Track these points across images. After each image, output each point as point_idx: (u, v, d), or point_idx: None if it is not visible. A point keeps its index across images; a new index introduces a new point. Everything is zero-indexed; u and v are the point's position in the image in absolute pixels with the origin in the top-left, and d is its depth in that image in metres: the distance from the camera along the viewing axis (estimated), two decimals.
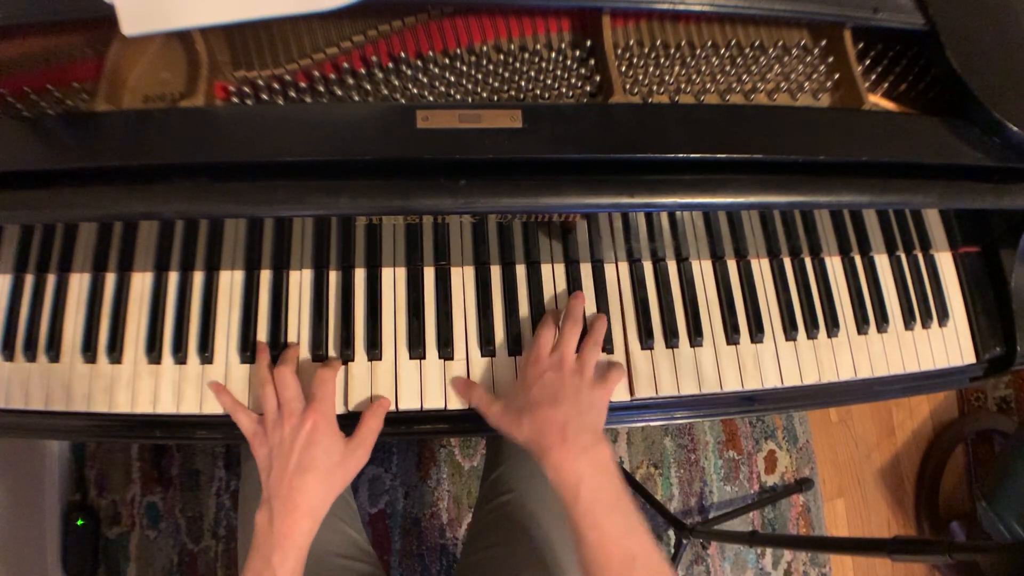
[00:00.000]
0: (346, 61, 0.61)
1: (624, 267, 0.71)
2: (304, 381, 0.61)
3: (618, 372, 0.64)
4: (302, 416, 0.58)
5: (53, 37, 0.59)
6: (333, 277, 0.67)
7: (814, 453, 1.54)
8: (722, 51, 0.67)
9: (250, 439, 0.60)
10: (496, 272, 0.69)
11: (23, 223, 0.59)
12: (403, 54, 0.62)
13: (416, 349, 0.65)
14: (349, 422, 0.63)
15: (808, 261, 0.74)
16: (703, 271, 0.72)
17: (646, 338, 0.68)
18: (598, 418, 0.60)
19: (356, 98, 0.61)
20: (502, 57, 0.64)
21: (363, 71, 0.61)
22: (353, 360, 0.65)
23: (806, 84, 0.67)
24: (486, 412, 0.62)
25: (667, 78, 0.66)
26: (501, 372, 0.66)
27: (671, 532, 1.37)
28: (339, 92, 0.61)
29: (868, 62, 0.69)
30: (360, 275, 0.67)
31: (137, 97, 0.60)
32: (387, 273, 0.67)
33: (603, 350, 0.67)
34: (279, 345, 0.64)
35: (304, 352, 0.65)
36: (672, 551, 1.35)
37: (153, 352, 0.63)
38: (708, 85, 0.66)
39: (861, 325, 0.73)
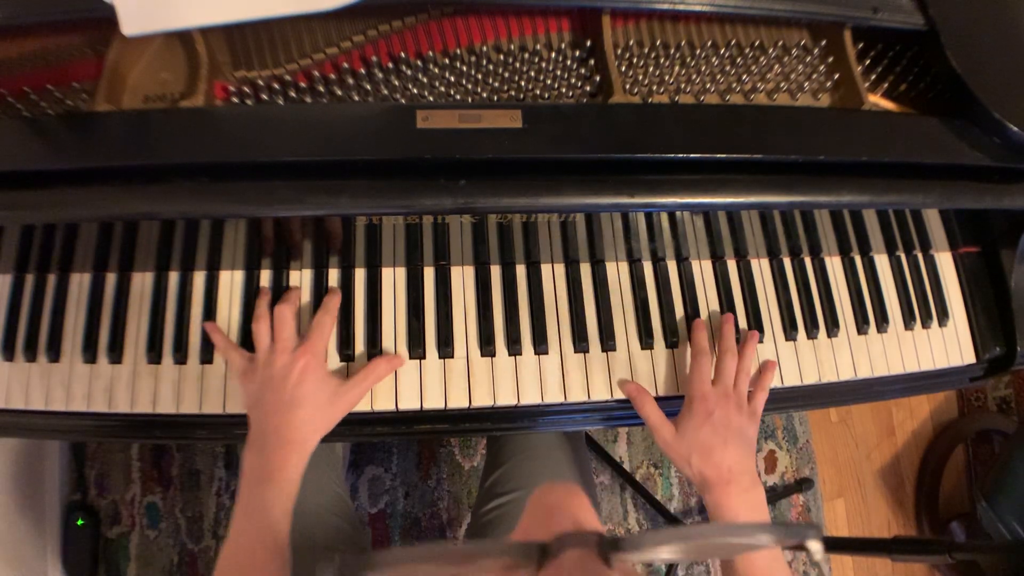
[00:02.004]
0: (346, 61, 0.61)
1: (624, 267, 0.71)
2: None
3: (762, 396, 0.67)
4: (294, 354, 0.59)
5: (53, 37, 0.59)
6: (333, 277, 0.67)
7: (814, 453, 1.54)
8: (722, 51, 0.67)
9: (240, 375, 0.60)
10: (496, 272, 0.69)
11: (23, 223, 0.58)
12: (403, 54, 0.62)
13: (416, 349, 0.65)
14: (349, 422, 0.63)
15: (808, 261, 0.74)
16: (703, 271, 0.72)
17: (646, 338, 0.68)
18: (753, 457, 0.64)
19: (356, 98, 0.61)
20: (502, 57, 0.64)
21: (363, 71, 0.61)
22: (353, 360, 0.65)
23: (806, 84, 0.67)
24: (656, 432, 0.64)
25: (667, 78, 0.66)
26: (501, 373, 0.66)
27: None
28: (339, 92, 0.61)
29: (868, 62, 0.69)
30: (360, 275, 0.67)
31: (137, 97, 0.60)
32: (387, 273, 0.67)
33: (605, 349, 0.67)
34: None
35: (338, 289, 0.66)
36: None
37: (153, 352, 0.63)
38: (708, 85, 0.66)
39: (861, 325, 0.73)
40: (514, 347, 0.66)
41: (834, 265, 0.75)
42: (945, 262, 0.77)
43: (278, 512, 0.54)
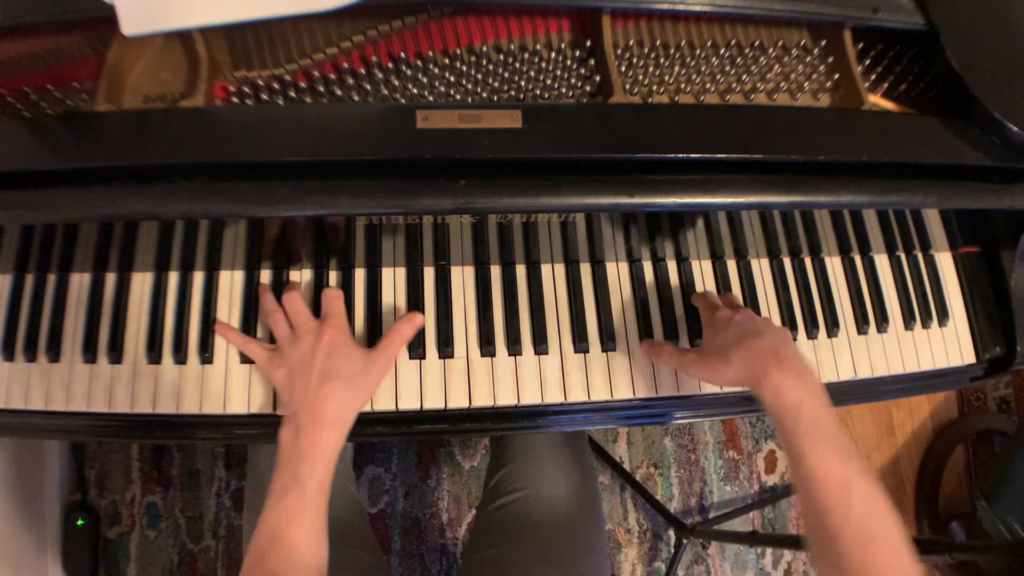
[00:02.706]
0: (346, 61, 0.61)
1: (624, 267, 0.71)
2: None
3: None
4: (318, 332, 0.59)
5: (53, 37, 0.59)
6: (333, 277, 0.67)
7: None
8: (722, 51, 0.67)
9: (265, 364, 0.61)
10: (496, 272, 0.69)
11: (23, 223, 0.58)
12: (403, 54, 0.62)
13: (416, 349, 0.65)
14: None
15: (808, 261, 0.74)
16: (703, 271, 0.72)
17: (646, 337, 0.68)
18: (792, 343, 0.60)
19: (356, 98, 0.61)
20: (502, 57, 0.64)
21: (363, 71, 0.61)
22: None
23: (806, 84, 0.67)
24: (680, 363, 0.63)
25: (667, 78, 0.66)
26: (501, 373, 0.66)
27: (671, 532, 1.37)
28: (339, 92, 0.61)
29: (868, 62, 0.69)
30: (360, 275, 0.67)
31: (137, 97, 0.60)
32: (387, 273, 0.67)
33: (605, 349, 0.67)
34: None
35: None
36: (672, 551, 1.35)
37: (153, 352, 0.63)
38: (708, 85, 0.66)
39: (861, 325, 0.73)
40: (514, 347, 0.66)
41: (834, 265, 0.75)
42: (945, 262, 0.77)
43: (312, 489, 0.54)
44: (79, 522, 1.23)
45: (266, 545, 0.52)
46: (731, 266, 0.72)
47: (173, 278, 0.66)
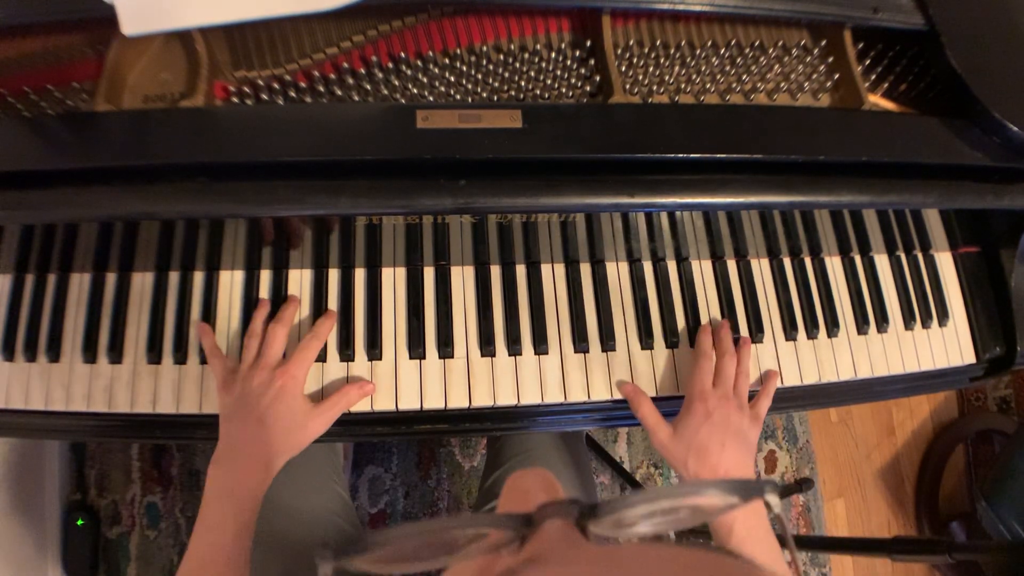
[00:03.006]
0: (346, 61, 0.61)
1: (624, 267, 0.71)
2: (291, 346, 0.63)
3: (766, 402, 0.67)
4: (273, 373, 0.59)
5: (53, 37, 0.59)
6: (333, 277, 0.67)
7: (814, 453, 1.54)
8: (722, 51, 0.67)
9: (220, 384, 0.61)
10: (496, 272, 0.69)
11: (23, 223, 0.58)
12: (403, 54, 0.62)
13: (416, 349, 0.65)
14: (349, 422, 0.63)
15: (808, 261, 0.74)
16: (703, 271, 0.72)
17: (646, 338, 0.68)
18: (752, 461, 0.63)
19: (356, 98, 0.61)
20: (502, 57, 0.64)
21: (363, 71, 0.61)
22: (353, 360, 0.65)
23: (806, 84, 0.67)
24: (653, 433, 0.64)
25: (667, 78, 0.66)
26: (501, 373, 0.66)
27: (671, 532, 1.36)
28: (339, 92, 0.61)
29: (868, 62, 0.69)
30: (360, 275, 0.67)
31: (137, 97, 0.60)
32: (387, 273, 0.67)
33: (605, 349, 0.67)
34: None
35: (334, 310, 0.66)
36: None
37: (153, 352, 0.63)
38: (708, 85, 0.66)
39: (861, 325, 0.73)
40: (514, 347, 0.66)
41: (834, 265, 0.75)
42: (945, 262, 0.77)
43: (238, 527, 0.54)
44: (79, 522, 1.23)
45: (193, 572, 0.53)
46: (731, 266, 0.72)
47: (173, 278, 0.66)
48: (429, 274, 0.68)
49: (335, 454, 0.88)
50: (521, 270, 0.69)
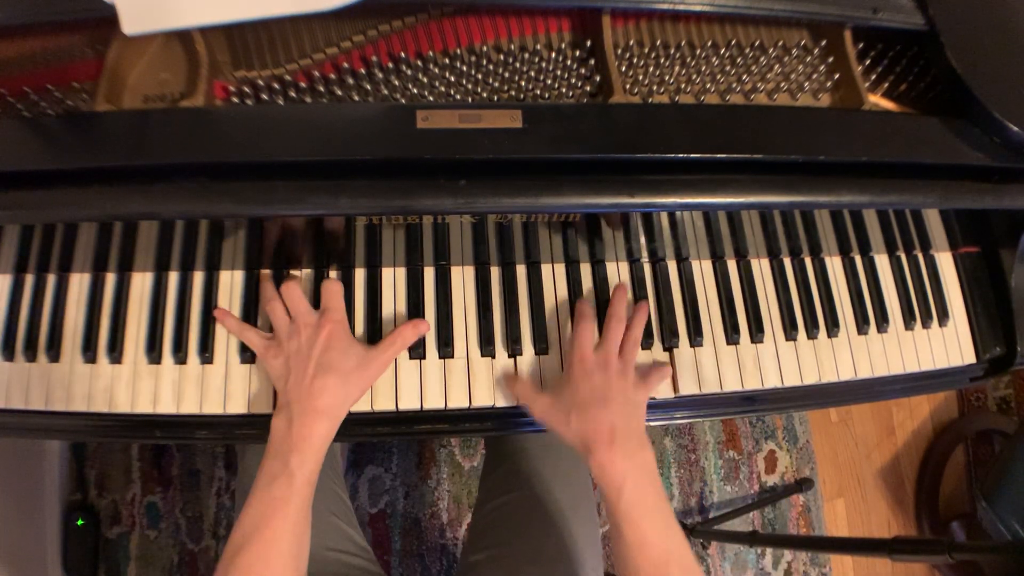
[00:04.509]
0: (346, 61, 0.61)
1: (624, 267, 0.71)
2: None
3: (659, 374, 0.65)
4: (318, 324, 0.59)
5: (53, 37, 0.59)
6: (333, 277, 0.67)
7: (814, 453, 1.54)
8: (722, 51, 0.67)
9: (262, 353, 0.61)
10: (496, 272, 0.69)
11: (23, 223, 0.58)
12: (403, 54, 0.62)
13: (416, 349, 0.65)
14: (349, 421, 0.63)
15: (808, 261, 0.74)
16: (703, 271, 0.72)
17: (646, 338, 0.68)
18: (642, 421, 0.61)
19: (356, 98, 0.61)
20: (502, 57, 0.64)
21: (363, 71, 0.61)
22: None
23: (806, 84, 0.67)
24: (532, 404, 0.62)
25: (667, 78, 0.66)
26: (501, 373, 0.66)
27: None
28: (339, 92, 0.61)
29: (868, 62, 0.69)
30: (360, 275, 0.67)
31: (137, 97, 0.60)
32: (387, 273, 0.67)
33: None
34: None
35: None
36: None
37: (153, 352, 0.63)
38: (708, 85, 0.66)
39: (861, 325, 0.73)
40: (514, 347, 0.66)
41: (834, 265, 0.75)
42: (945, 262, 0.77)
43: (303, 479, 0.54)
44: (79, 522, 1.23)
45: (248, 533, 0.52)
46: (731, 266, 0.72)
47: (173, 278, 0.66)
48: (429, 274, 0.68)
49: (333, 455, 0.88)
50: (521, 270, 0.69)
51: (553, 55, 0.64)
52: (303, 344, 0.59)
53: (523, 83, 0.63)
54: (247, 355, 0.64)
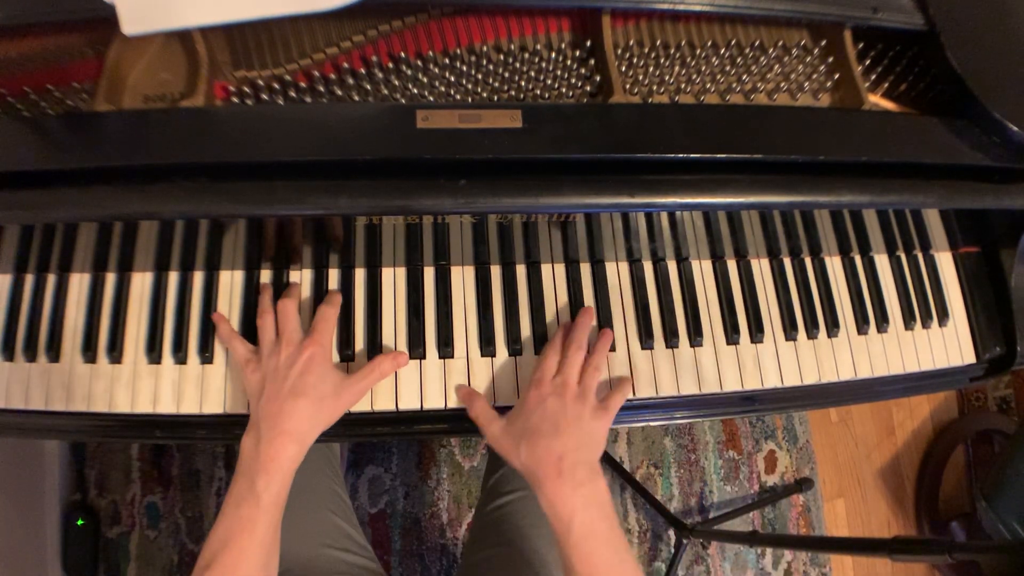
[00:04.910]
0: (346, 61, 0.61)
1: (624, 267, 0.71)
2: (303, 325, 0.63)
3: (619, 396, 0.63)
4: (300, 345, 0.59)
5: (53, 37, 0.59)
6: (333, 277, 0.67)
7: (814, 453, 1.54)
8: (722, 51, 0.67)
9: (243, 365, 0.60)
10: (496, 272, 0.69)
11: (23, 223, 0.58)
12: (403, 54, 0.62)
13: (416, 349, 0.65)
14: (349, 422, 0.63)
15: (808, 261, 0.74)
16: (703, 271, 0.72)
17: (646, 338, 0.68)
18: (596, 450, 0.59)
19: (356, 98, 0.61)
20: (502, 57, 0.64)
21: (363, 71, 0.61)
22: (353, 360, 0.65)
23: (806, 84, 0.67)
24: (485, 428, 0.61)
25: (667, 78, 0.66)
26: (501, 373, 0.66)
27: (671, 532, 1.37)
28: (339, 92, 0.61)
29: (868, 62, 0.69)
30: (360, 275, 0.67)
31: (137, 97, 0.60)
32: (387, 273, 0.67)
33: None
34: None
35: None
36: (672, 551, 1.35)
37: (153, 352, 0.63)
38: (708, 85, 0.66)
39: (861, 325, 0.73)
40: (514, 347, 0.66)
41: (834, 265, 0.75)
42: (945, 262, 0.77)
43: (269, 500, 0.54)
44: (79, 522, 1.23)
45: (216, 551, 0.52)
46: (731, 266, 0.72)
47: (173, 278, 0.66)
48: (429, 274, 0.68)
49: (333, 454, 0.89)
50: (521, 270, 0.69)
51: (553, 55, 0.64)
52: (281, 364, 0.58)
53: (523, 83, 0.63)
54: None
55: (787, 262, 0.74)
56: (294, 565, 0.70)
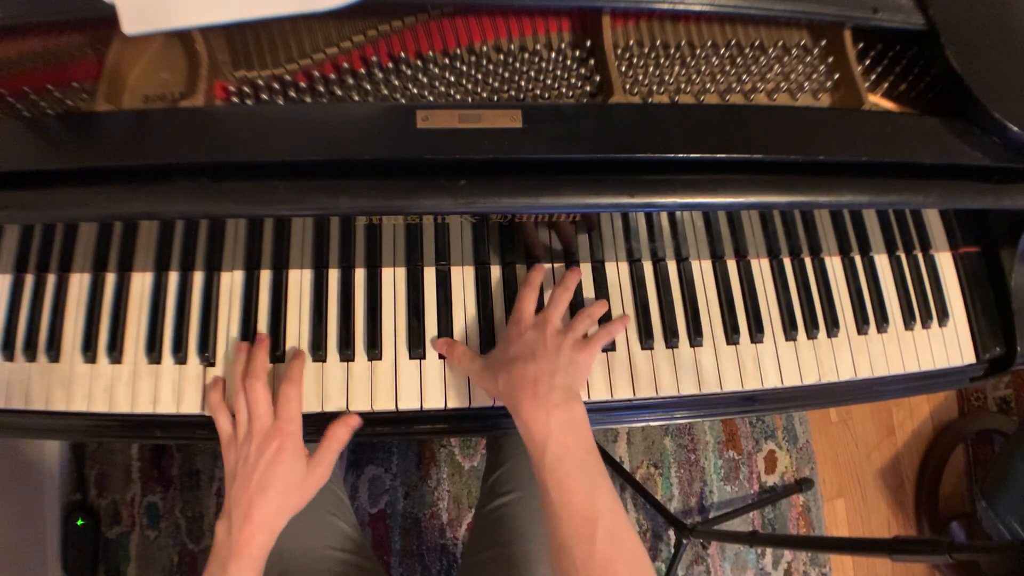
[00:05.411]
0: (346, 61, 0.61)
1: (624, 267, 0.71)
2: (278, 382, 0.62)
3: (605, 333, 0.63)
4: (269, 433, 0.59)
5: (53, 37, 0.59)
6: (333, 277, 0.67)
7: (814, 453, 1.54)
8: (722, 51, 0.67)
9: (224, 444, 0.61)
10: (496, 272, 0.69)
11: (23, 223, 0.58)
12: (403, 54, 0.62)
13: (416, 349, 0.65)
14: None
15: (808, 261, 0.74)
16: (703, 271, 0.72)
17: (646, 338, 0.68)
18: (575, 377, 0.58)
19: (356, 98, 0.61)
20: (502, 57, 0.64)
21: (363, 71, 0.61)
22: (353, 360, 0.65)
23: (806, 84, 0.67)
24: (468, 369, 0.62)
25: (667, 78, 0.66)
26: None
27: (671, 532, 1.37)
28: (339, 92, 0.61)
29: (868, 62, 0.69)
30: (360, 275, 0.67)
31: (137, 97, 0.60)
32: (387, 273, 0.67)
33: (605, 350, 0.67)
34: (279, 346, 0.64)
35: (304, 351, 0.65)
36: (672, 551, 1.35)
37: (153, 352, 0.63)
38: (708, 85, 0.66)
39: (861, 325, 0.73)
40: None
41: (834, 265, 0.75)
42: (945, 262, 0.77)
43: None
44: (79, 522, 1.23)
45: None
46: (731, 266, 0.72)
47: (173, 278, 0.66)
48: (429, 274, 0.68)
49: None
50: (521, 270, 0.69)
51: (553, 55, 0.64)
52: (251, 453, 0.58)
53: (523, 83, 0.63)
54: None
55: (787, 262, 0.74)
56: (293, 566, 0.70)
